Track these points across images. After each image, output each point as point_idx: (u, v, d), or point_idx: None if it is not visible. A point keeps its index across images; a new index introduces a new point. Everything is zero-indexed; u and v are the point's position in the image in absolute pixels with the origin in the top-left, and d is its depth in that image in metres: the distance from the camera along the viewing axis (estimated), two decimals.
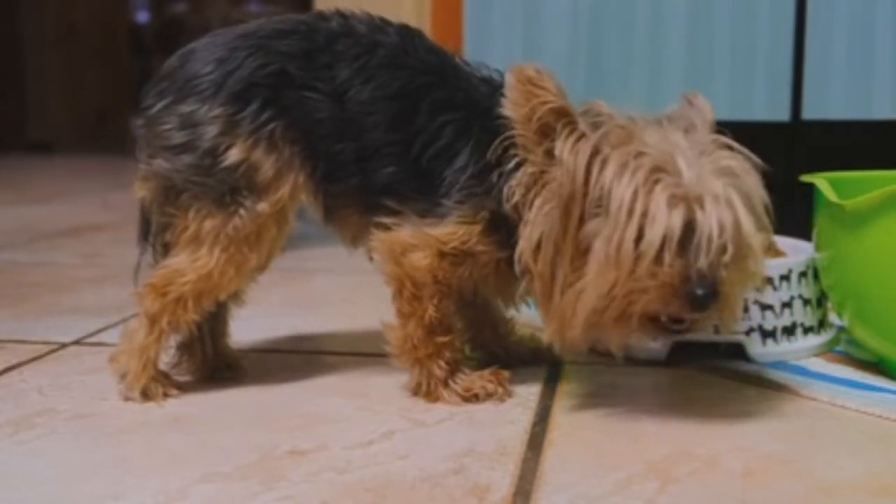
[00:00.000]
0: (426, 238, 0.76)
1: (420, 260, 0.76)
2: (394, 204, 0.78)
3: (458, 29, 1.48)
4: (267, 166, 0.77)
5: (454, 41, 1.49)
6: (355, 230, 0.82)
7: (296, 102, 0.77)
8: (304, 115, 0.77)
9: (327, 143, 0.78)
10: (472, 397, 0.78)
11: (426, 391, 0.79)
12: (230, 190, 0.77)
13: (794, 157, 1.42)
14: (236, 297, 0.86)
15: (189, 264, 0.78)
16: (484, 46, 1.43)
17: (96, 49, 4.80)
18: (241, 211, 0.77)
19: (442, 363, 0.78)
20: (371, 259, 0.81)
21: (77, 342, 0.99)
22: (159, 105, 0.78)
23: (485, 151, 0.75)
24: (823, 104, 1.36)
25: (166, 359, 0.83)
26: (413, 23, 0.83)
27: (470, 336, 0.88)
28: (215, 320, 0.86)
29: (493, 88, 0.79)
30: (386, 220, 0.78)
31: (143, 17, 5.35)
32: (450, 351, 0.79)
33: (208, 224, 0.77)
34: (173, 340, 0.83)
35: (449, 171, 0.76)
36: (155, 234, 0.81)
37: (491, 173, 0.75)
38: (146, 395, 0.78)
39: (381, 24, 0.80)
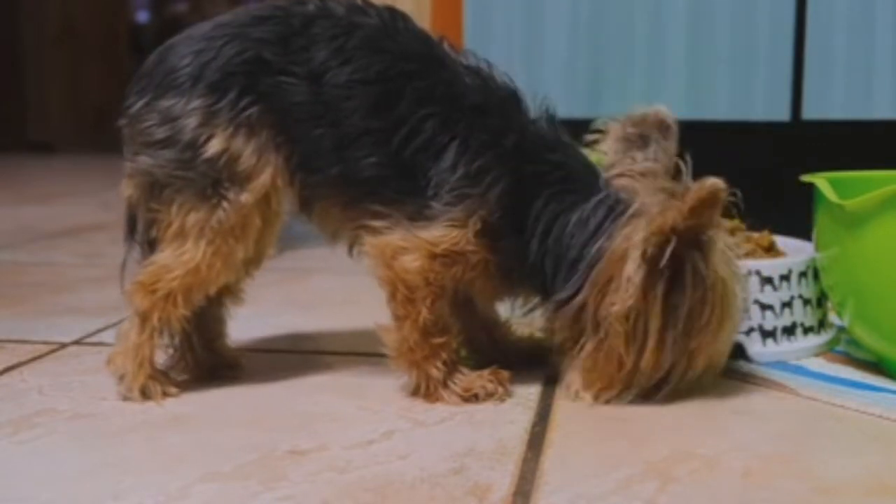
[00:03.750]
0: (416, 241, 0.76)
1: (411, 262, 0.76)
2: (381, 208, 0.77)
3: (458, 31, 1.48)
4: (247, 154, 0.76)
5: (454, 43, 1.49)
6: (336, 225, 0.82)
7: (273, 88, 0.77)
8: (281, 100, 0.77)
9: (305, 128, 0.77)
10: (471, 397, 0.78)
11: (425, 393, 0.79)
12: (212, 182, 0.76)
13: (794, 157, 1.42)
14: (235, 295, 0.86)
15: (175, 259, 0.77)
16: (484, 48, 1.42)
17: (96, 49, 4.80)
18: (225, 203, 0.76)
19: (439, 364, 0.78)
20: (350, 254, 0.81)
21: (77, 342, 0.99)
22: (140, 103, 0.78)
23: (476, 152, 0.75)
24: (823, 104, 1.36)
25: (165, 360, 0.83)
26: None
27: (466, 338, 0.88)
28: (213, 320, 0.86)
29: (482, 80, 0.78)
30: (375, 223, 0.77)
31: (143, 17, 5.36)
32: (446, 352, 0.79)
33: (192, 218, 0.77)
34: (169, 340, 0.83)
35: (435, 171, 0.76)
36: (141, 231, 0.81)
37: (486, 176, 0.75)
38: (145, 394, 0.78)
39: (361, 7, 0.79)
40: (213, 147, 0.76)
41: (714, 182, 0.71)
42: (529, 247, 0.76)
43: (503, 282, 0.80)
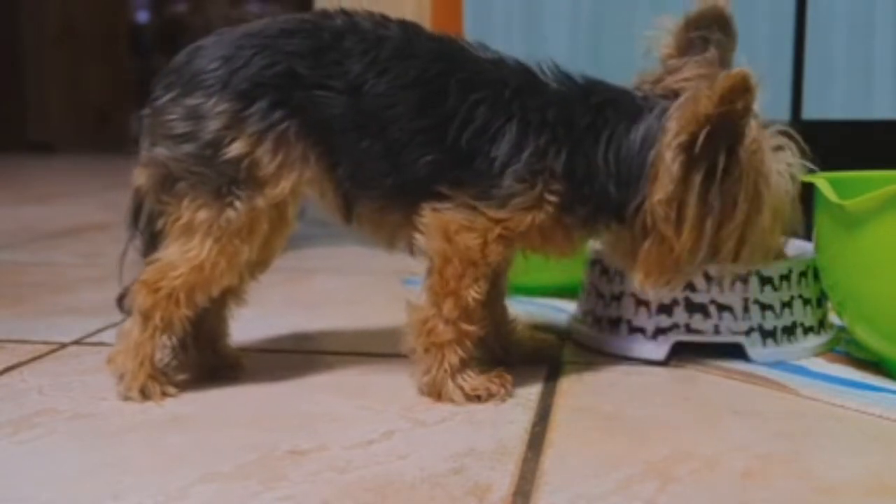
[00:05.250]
0: (482, 221, 0.77)
1: (473, 239, 0.77)
2: (446, 190, 0.78)
3: (458, 31, 1.48)
4: (271, 162, 0.77)
5: None
6: (393, 230, 0.82)
7: (308, 102, 0.77)
8: (319, 113, 0.77)
9: (349, 140, 0.78)
10: (474, 398, 0.78)
11: (432, 382, 0.78)
12: (228, 182, 0.77)
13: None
14: (237, 296, 0.86)
15: (180, 256, 0.78)
16: None
17: (96, 49, 4.80)
18: (237, 203, 0.77)
19: (459, 351, 0.78)
20: (412, 253, 0.82)
21: (77, 342, 0.99)
22: (166, 97, 0.78)
23: (539, 129, 0.77)
24: (823, 104, 1.36)
25: (164, 359, 0.83)
26: None
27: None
28: (216, 320, 0.86)
29: (508, 67, 0.80)
30: (437, 205, 0.78)
31: (143, 17, 5.36)
32: (470, 341, 0.79)
33: (202, 215, 0.77)
34: (170, 339, 0.83)
35: (498, 151, 0.77)
36: (145, 221, 0.82)
37: (550, 150, 0.77)
38: (144, 394, 0.78)
39: (382, 20, 0.81)
40: (236, 150, 0.76)
41: (742, 70, 0.73)
42: (608, 188, 0.79)
43: (579, 229, 0.82)
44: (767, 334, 0.90)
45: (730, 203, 0.77)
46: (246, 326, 0.92)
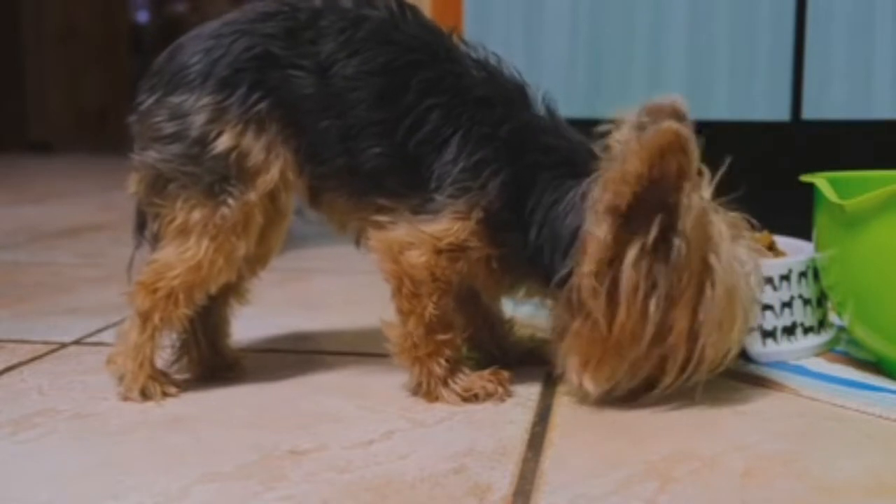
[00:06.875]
0: (422, 236, 0.76)
1: (417, 258, 0.76)
2: (385, 201, 0.77)
3: (457, 31, 1.48)
4: (257, 150, 0.76)
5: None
6: (342, 216, 0.82)
7: (281, 82, 0.77)
8: (290, 93, 0.77)
9: (312, 120, 0.77)
10: (471, 397, 0.78)
11: (426, 390, 0.79)
12: (219, 179, 0.76)
13: (794, 157, 1.42)
14: (240, 294, 0.86)
15: (177, 257, 0.77)
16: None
17: (96, 49, 4.81)
18: (230, 200, 0.77)
19: (442, 361, 0.78)
20: (357, 245, 0.82)
21: (77, 342, 0.99)
22: (150, 99, 0.78)
23: (476, 145, 0.75)
24: (823, 104, 1.36)
25: (165, 356, 0.83)
26: None
27: (468, 335, 0.88)
28: (219, 320, 0.86)
29: (489, 73, 0.79)
30: (381, 218, 0.78)
31: (143, 17, 5.36)
32: (450, 349, 0.79)
33: (196, 214, 0.77)
34: (171, 339, 0.83)
35: (438, 164, 0.76)
36: (151, 227, 0.82)
37: (486, 168, 0.75)
38: (145, 395, 0.78)
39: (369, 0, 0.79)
40: (223, 144, 0.76)
41: (675, 125, 0.68)
42: (528, 237, 0.76)
43: (506, 276, 0.80)
44: (767, 334, 0.90)
45: (677, 281, 0.71)
46: (245, 326, 0.92)
